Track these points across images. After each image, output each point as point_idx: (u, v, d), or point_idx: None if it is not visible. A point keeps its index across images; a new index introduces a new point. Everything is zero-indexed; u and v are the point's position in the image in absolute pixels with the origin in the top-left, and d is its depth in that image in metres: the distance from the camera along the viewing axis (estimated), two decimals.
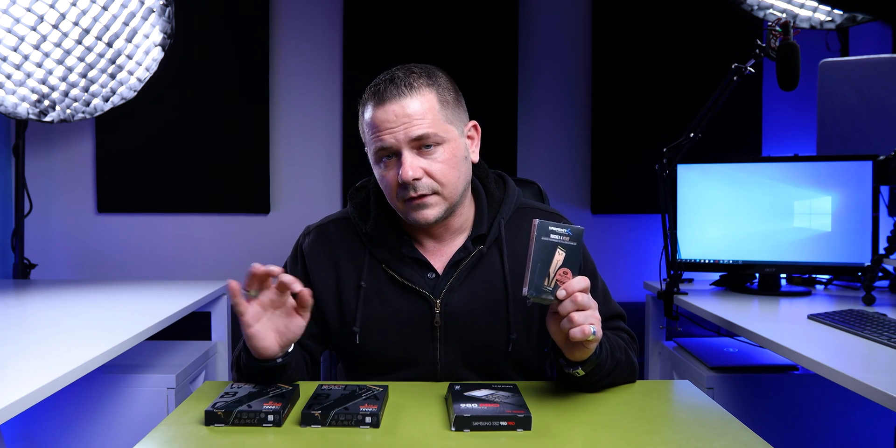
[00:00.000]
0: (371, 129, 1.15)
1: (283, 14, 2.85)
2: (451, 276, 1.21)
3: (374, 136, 1.14)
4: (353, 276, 1.24)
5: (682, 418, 1.05)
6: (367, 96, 1.17)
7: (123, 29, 2.20)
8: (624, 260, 2.83)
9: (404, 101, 1.12)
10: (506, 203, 1.27)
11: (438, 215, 1.17)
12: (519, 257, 1.23)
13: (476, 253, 1.22)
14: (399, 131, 1.12)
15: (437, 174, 1.14)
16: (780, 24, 1.85)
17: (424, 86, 1.15)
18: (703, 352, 2.01)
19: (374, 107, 1.15)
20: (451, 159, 1.15)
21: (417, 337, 1.21)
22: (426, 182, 1.14)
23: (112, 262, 2.83)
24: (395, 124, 1.12)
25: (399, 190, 1.15)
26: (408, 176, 1.11)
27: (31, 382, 1.11)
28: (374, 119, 1.14)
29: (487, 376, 1.23)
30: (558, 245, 1.00)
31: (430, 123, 1.13)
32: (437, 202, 1.16)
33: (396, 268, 1.22)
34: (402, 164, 1.12)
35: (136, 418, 1.80)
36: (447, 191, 1.16)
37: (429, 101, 1.14)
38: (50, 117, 2.19)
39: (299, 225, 1.42)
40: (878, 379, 1.12)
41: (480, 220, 1.25)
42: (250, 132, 2.81)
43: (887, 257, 1.81)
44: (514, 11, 2.82)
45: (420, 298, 1.21)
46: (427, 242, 1.25)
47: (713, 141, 2.31)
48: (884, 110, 2.19)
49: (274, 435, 0.95)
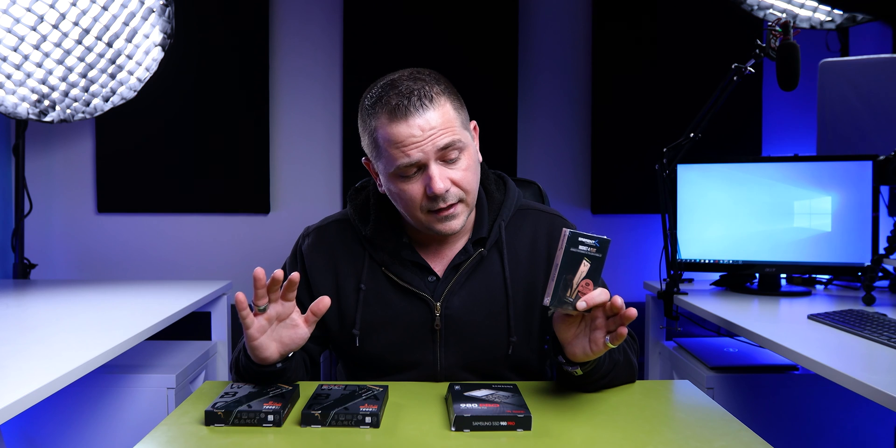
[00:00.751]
0: (392, 145, 1.10)
1: (283, 14, 2.85)
2: (452, 279, 1.21)
3: (399, 152, 1.10)
4: (352, 278, 1.24)
5: (682, 418, 1.05)
6: (377, 110, 1.12)
7: (123, 29, 2.20)
8: (624, 260, 2.83)
9: (427, 115, 1.09)
10: (506, 205, 1.26)
11: (462, 224, 1.16)
12: (519, 259, 1.23)
13: (476, 256, 1.22)
14: (427, 144, 1.09)
15: (463, 183, 1.13)
16: (780, 24, 1.85)
17: (441, 94, 1.12)
18: (703, 352, 2.01)
19: (392, 122, 1.10)
20: (472, 165, 1.15)
21: (417, 340, 1.21)
22: (454, 192, 1.13)
23: (112, 262, 2.83)
24: (421, 138, 1.09)
25: (426, 202, 1.13)
26: (440, 189, 1.09)
27: (31, 382, 1.11)
28: (395, 135, 1.09)
29: (487, 378, 1.23)
30: (585, 256, 0.99)
31: (454, 131, 1.11)
32: (462, 211, 1.16)
33: (396, 271, 1.21)
34: (432, 177, 1.10)
35: (136, 418, 1.80)
36: (470, 198, 1.16)
37: (448, 110, 1.12)
38: (50, 117, 2.19)
39: (299, 225, 1.42)
40: (878, 379, 1.12)
41: (481, 222, 1.24)
42: (250, 132, 2.81)
43: (887, 257, 1.81)
44: (514, 11, 2.82)
45: (420, 301, 1.21)
46: (427, 246, 1.24)
47: (713, 141, 2.31)
48: (884, 110, 2.19)
49: (274, 435, 0.95)
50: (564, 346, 1.05)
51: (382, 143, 1.12)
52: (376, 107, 1.12)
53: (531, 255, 1.25)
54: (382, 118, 1.11)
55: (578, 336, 1.03)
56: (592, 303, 0.97)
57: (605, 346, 0.99)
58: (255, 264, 2.82)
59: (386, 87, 1.13)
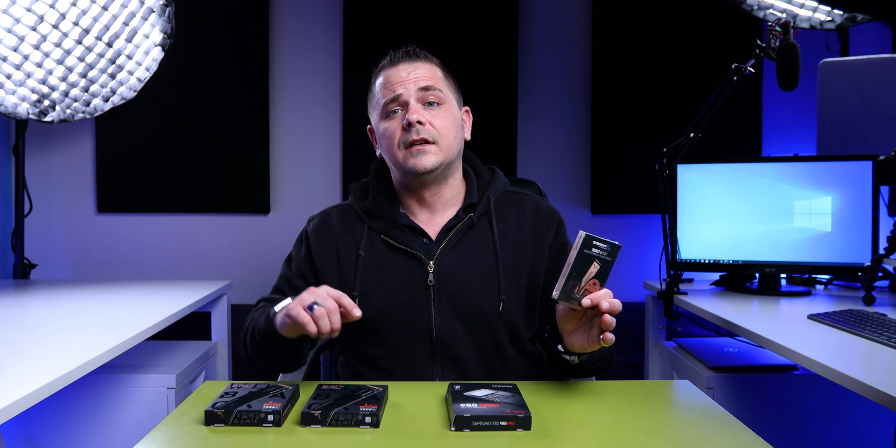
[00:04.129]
0: (382, 86, 1.30)
1: (283, 14, 2.85)
2: (444, 240, 1.30)
3: (386, 90, 1.29)
4: (352, 248, 1.32)
5: (682, 418, 1.05)
6: (380, 66, 1.33)
7: (123, 29, 2.20)
8: (624, 260, 2.82)
9: (415, 63, 1.30)
10: (494, 183, 1.38)
11: (435, 165, 1.26)
12: (508, 228, 1.33)
13: (467, 220, 1.31)
14: (409, 83, 1.28)
15: (438, 126, 1.27)
16: (780, 24, 1.85)
17: (432, 59, 1.34)
18: (703, 352, 2.01)
19: (385, 70, 1.31)
20: (450, 118, 1.30)
21: (413, 297, 1.27)
22: (428, 128, 1.26)
23: (112, 262, 2.83)
24: (405, 78, 1.28)
25: (402, 135, 1.26)
26: (413, 117, 1.24)
27: (31, 382, 1.11)
28: (386, 77, 1.30)
29: (481, 339, 1.28)
30: (596, 258, 1.07)
31: (436, 82, 1.30)
32: (435, 152, 1.27)
33: (393, 235, 1.30)
34: (409, 110, 1.26)
35: (136, 418, 1.80)
36: (444, 143, 1.28)
37: (435, 70, 1.32)
38: (50, 117, 2.19)
39: (299, 225, 1.44)
40: (878, 379, 1.12)
41: (471, 193, 1.35)
42: (250, 132, 2.81)
43: (887, 257, 1.81)
44: (514, 11, 2.82)
45: (415, 261, 1.29)
46: (421, 214, 1.34)
47: (713, 141, 2.31)
48: (884, 110, 2.19)
49: (274, 435, 0.95)
50: (564, 336, 1.14)
51: (377, 90, 1.32)
52: (379, 65, 1.34)
53: (518, 227, 1.33)
54: (381, 71, 1.32)
55: (578, 329, 1.12)
56: (597, 301, 1.05)
57: (598, 342, 1.07)
58: (255, 264, 2.85)
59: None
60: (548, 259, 1.33)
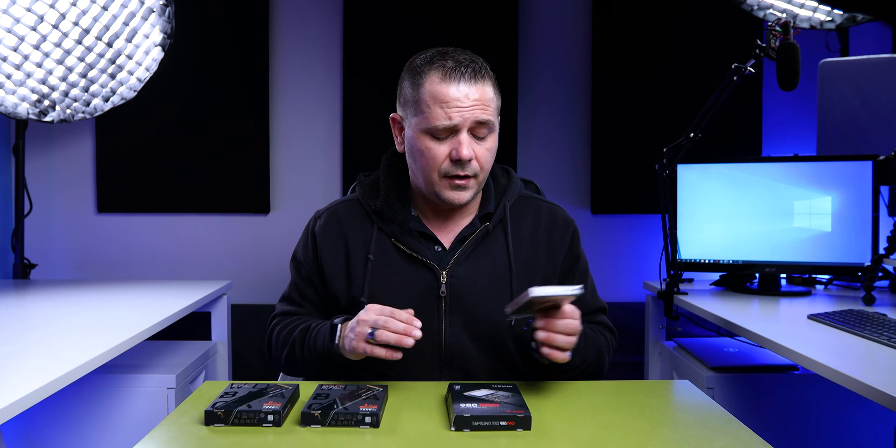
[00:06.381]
0: (437, 102, 1.17)
1: (283, 14, 2.85)
2: (458, 249, 1.26)
3: (441, 111, 1.16)
4: (361, 250, 1.29)
5: (682, 418, 1.05)
6: (432, 68, 1.19)
7: (123, 29, 2.20)
8: (624, 260, 2.82)
9: (478, 86, 1.18)
10: (510, 188, 1.34)
11: (469, 199, 1.23)
12: (522, 237, 1.30)
13: (482, 229, 1.28)
14: (468, 112, 1.17)
15: (482, 160, 1.21)
16: (780, 24, 1.85)
17: (490, 77, 1.22)
18: (703, 352, 2.01)
19: (444, 81, 1.17)
20: (493, 149, 1.23)
21: (423, 307, 1.24)
22: (474, 164, 1.20)
23: (112, 262, 2.83)
24: (465, 105, 1.16)
25: (447, 165, 1.19)
26: (466, 155, 1.17)
27: (31, 382, 1.11)
28: (443, 94, 1.16)
29: (490, 349, 1.26)
30: (550, 299, 1.07)
31: (491, 112, 1.20)
32: (473, 186, 1.22)
33: (405, 241, 1.27)
34: (462, 143, 1.17)
35: (136, 418, 1.80)
36: (482, 176, 1.23)
37: (491, 92, 1.21)
38: (50, 117, 2.19)
39: (299, 225, 1.43)
40: (878, 379, 1.12)
41: (487, 201, 1.31)
42: (250, 132, 2.81)
43: (887, 257, 1.81)
44: (514, 12, 2.82)
45: (427, 270, 1.26)
46: (434, 220, 1.30)
47: (713, 141, 2.31)
48: (884, 110, 2.19)
49: (274, 435, 0.95)
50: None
51: (427, 99, 1.18)
52: (431, 65, 1.19)
53: (533, 237, 1.31)
54: (434, 76, 1.18)
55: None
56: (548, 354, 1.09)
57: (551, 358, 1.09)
58: (255, 264, 2.84)
59: (441, 52, 1.22)
60: (560, 271, 1.32)
